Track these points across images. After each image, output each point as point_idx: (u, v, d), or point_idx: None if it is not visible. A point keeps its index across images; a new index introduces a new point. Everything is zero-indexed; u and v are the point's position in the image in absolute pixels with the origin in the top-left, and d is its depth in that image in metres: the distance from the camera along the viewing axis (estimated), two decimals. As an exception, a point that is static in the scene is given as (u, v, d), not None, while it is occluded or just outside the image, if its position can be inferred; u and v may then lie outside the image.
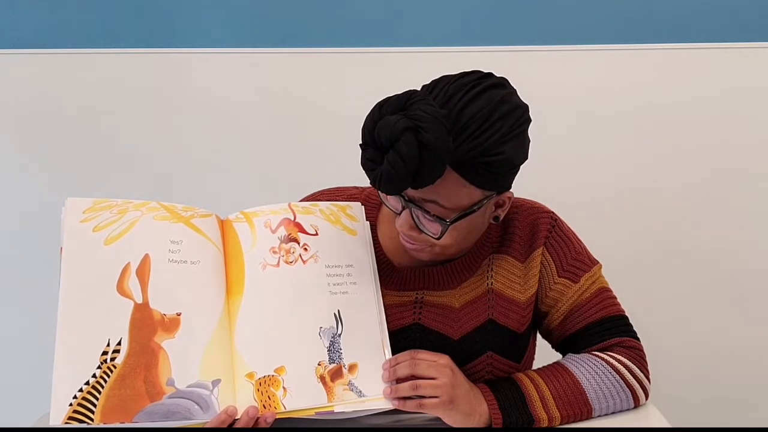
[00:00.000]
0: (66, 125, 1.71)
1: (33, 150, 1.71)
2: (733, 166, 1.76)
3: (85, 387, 0.91)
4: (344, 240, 1.12)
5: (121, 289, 0.97)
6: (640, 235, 1.78)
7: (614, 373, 1.09)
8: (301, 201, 1.20)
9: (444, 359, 1.05)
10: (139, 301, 0.98)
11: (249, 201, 1.12)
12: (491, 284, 1.17)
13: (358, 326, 1.07)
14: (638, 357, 1.13)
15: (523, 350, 1.19)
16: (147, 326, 0.96)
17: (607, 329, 1.15)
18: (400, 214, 1.05)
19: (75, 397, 0.90)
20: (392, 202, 1.06)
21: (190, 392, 0.95)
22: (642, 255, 1.79)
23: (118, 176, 1.72)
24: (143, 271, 0.99)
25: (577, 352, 1.17)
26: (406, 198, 1.02)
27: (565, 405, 1.06)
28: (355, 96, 1.04)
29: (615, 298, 1.19)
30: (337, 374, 1.02)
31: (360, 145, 1.00)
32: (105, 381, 0.93)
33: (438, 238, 1.03)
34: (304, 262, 1.07)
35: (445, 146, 0.94)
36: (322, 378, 1.01)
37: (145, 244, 1.01)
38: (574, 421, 1.07)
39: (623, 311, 1.19)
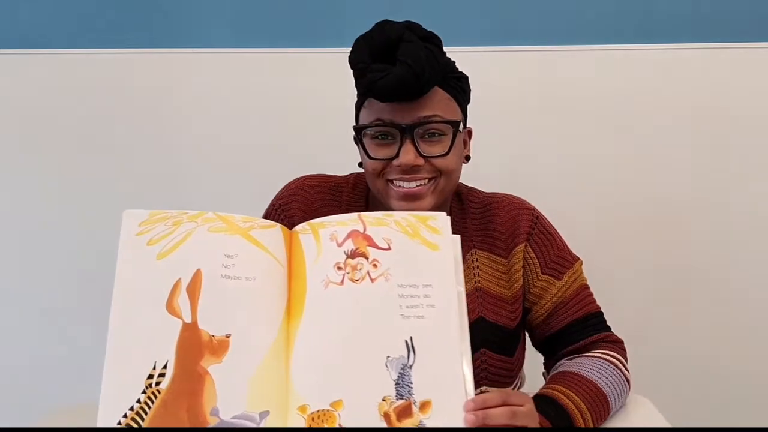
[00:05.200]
0: (66, 125, 1.71)
1: (33, 150, 1.71)
2: (733, 166, 1.75)
3: (129, 413, 0.85)
4: (423, 256, 0.96)
5: (171, 307, 0.90)
6: (639, 235, 1.77)
7: (618, 372, 1.11)
8: (282, 191, 1.22)
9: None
10: (188, 320, 0.90)
11: (249, 201, 1.09)
12: (478, 282, 1.19)
13: (435, 357, 0.91)
14: (623, 350, 1.17)
15: (515, 344, 1.22)
16: (194, 348, 0.88)
17: (591, 325, 1.18)
18: (398, 153, 1.06)
19: (119, 423, 0.85)
20: (384, 150, 1.08)
21: (235, 424, 0.86)
22: (643, 255, 1.78)
23: (119, 176, 1.72)
24: (194, 288, 0.91)
25: (561, 347, 1.19)
26: (406, 126, 1.06)
27: (597, 417, 1.05)
28: (355, 96, 1.11)
29: (593, 294, 1.22)
30: (405, 412, 0.88)
31: (357, 75, 1.07)
32: (149, 407, 0.86)
33: (447, 153, 1.07)
34: (372, 280, 0.94)
35: (438, 38, 1.07)
36: (386, 416, 0.87)
37: (198, 258, 0.93)
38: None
39: (600, 307, 1.22)
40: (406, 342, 0.91)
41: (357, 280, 0.94)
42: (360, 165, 1.18)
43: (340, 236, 0.96)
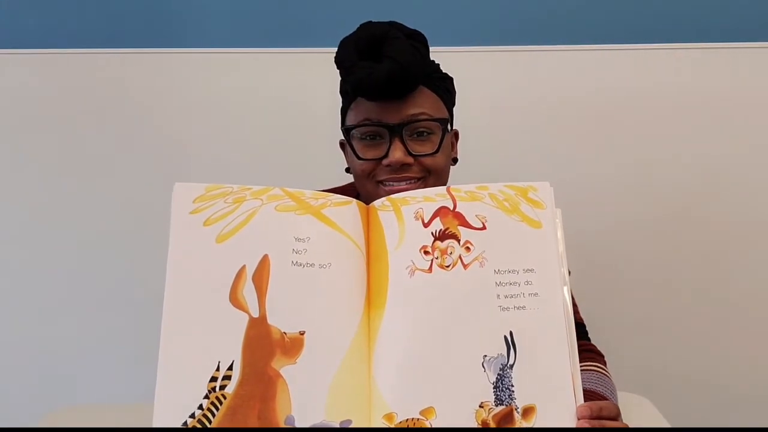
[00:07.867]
0: (66, 126, 1.67)
1: (33, 150, 1.68)
2: (733, 166, 1.72)
3: (190, 420, 0.75)
4: (523, 235, 0.83)
5: (235, 299, 0.79)
6: (639, 236, 1.73)
7: (612, 383, 1.04)
8: None
9: None
10: (255, 314, 0.78)
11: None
12: None
13: (539, 355, 0.79)
14: (605, 361, 1.10)
15: None
16: (263, 347, 0.77)
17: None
18: (387, 153, 1.02)
19: None
20: (373, 151, 1.04)
21: (313, 435, 0.75)
22: (643, 255, 1.73)
23: (119, 177, 1.67)
24: (261, 277, 0.79)
25: None
26: (394, 125, 1.02)
27: None
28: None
29: (577, 305, 1.14)
30: (505, 420, 0.76)
31: (344, 74, 1.05)
32: (213, 414, 0.75)
33: (436, 151, 1.04)
34: (465, 266, 0.81)
35: (422, 36, 1.06)
36: (484, 424, 0.76)
37: (264, 242, 0.80)
38: None
39: (582, 319, 1.15)
40: (506, 338, 0.79)
41: (447, 267, 0.81)
42: (347, 170, 1.14)
43: (426, 214, 0.83)
